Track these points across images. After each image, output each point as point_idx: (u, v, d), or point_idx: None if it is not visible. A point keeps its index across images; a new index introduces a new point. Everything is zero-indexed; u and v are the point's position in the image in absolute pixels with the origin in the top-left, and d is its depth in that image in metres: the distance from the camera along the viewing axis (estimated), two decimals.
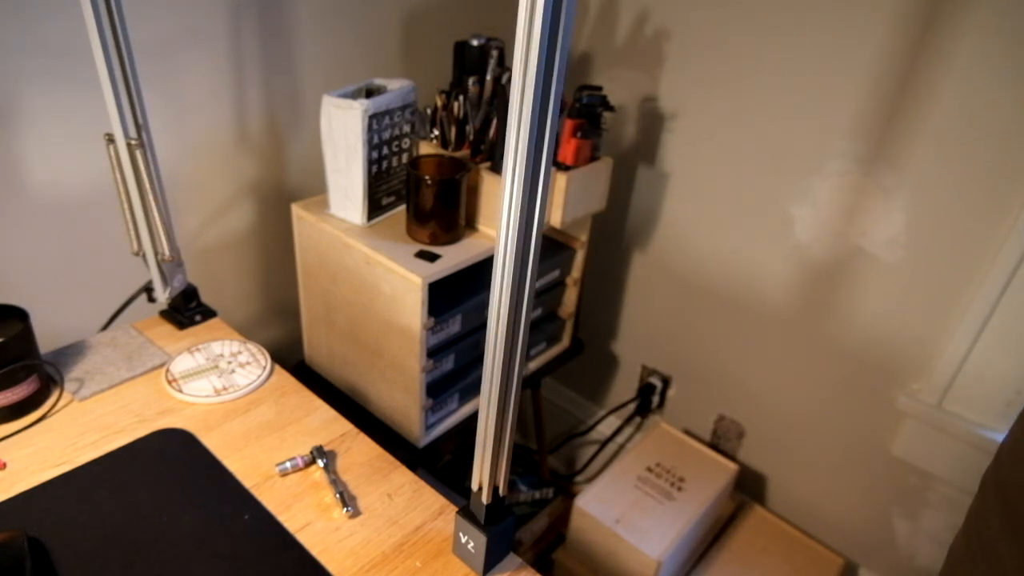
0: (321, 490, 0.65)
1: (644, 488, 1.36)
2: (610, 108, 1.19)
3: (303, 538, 0.60)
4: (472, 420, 1.20)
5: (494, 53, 1.10)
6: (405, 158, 1.09)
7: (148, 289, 0.86)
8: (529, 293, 0.43)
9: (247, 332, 1.28)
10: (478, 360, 1.18)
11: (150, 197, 0.77)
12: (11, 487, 0.62)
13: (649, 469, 1.41)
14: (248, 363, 0.81)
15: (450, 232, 1.05)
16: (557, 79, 0.36)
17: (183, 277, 0.86)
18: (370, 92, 1.02)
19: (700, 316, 1.46)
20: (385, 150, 1.04)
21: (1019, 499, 0.50)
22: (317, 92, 1.17)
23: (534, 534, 1.49)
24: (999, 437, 1.10)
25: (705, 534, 1.40)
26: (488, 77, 1.11)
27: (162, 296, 0.84)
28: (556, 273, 1.29)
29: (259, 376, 0.78)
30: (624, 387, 1.69)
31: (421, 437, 1.11)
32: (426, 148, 1.16)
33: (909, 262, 1.14)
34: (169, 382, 0.76)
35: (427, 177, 1.00)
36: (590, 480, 1.71)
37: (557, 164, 1.13)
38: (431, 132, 1.16)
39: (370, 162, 1.02)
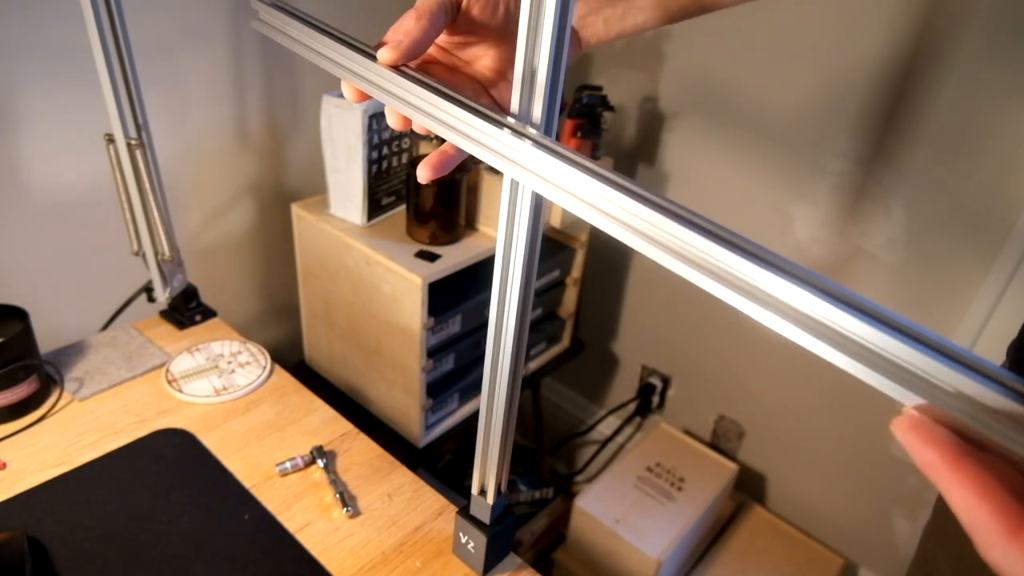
0: (321, 490, 0.65)
1: (644, 488, 1.36)
2: (610, 108, 1.19)
3: (303, 538, 0.60)
4: (472, 420, 1.20)
5: None
6: (405, 158, 1.09)
7: (148, 289, 0.86)
8: (529, 293, 0.43)
9: (247, 332, 1.27)
10: (478, 360, 1.18)
11: (150, 197, 0.77)
12: (11, 487, 0.62)
13: (649, 469, 1.41)
14: (248, 363, 0.81)
15: (450, 232, 1.05)
16: (558, 79, 0.36)
17: (183, 277, 0.86)
18: None
19: (700, 316, 1.46)
20: (385, 150, 1.04)
21: None
22: (317, 92, 1.17)
23: (534, 534, 1.49)
24: None
25: (705, 534, 1.40)
26: None
27: (162, 296, 0.84)
28: (556, 273, 1.29)
29: (259, 376, 0.78)
30: (624, 387, 1.69)
31: (421, 437, 1.11)
32: (426, 148, 1.16)
33: (909, 262, 1.14)
34: (169, 382, 0.76)
35: None
36: (590, 480, 1.71)
37: None
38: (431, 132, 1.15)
39: (370, 162, 1.02)
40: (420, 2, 0.39)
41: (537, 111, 0.37)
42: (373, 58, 0.40)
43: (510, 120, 0.36)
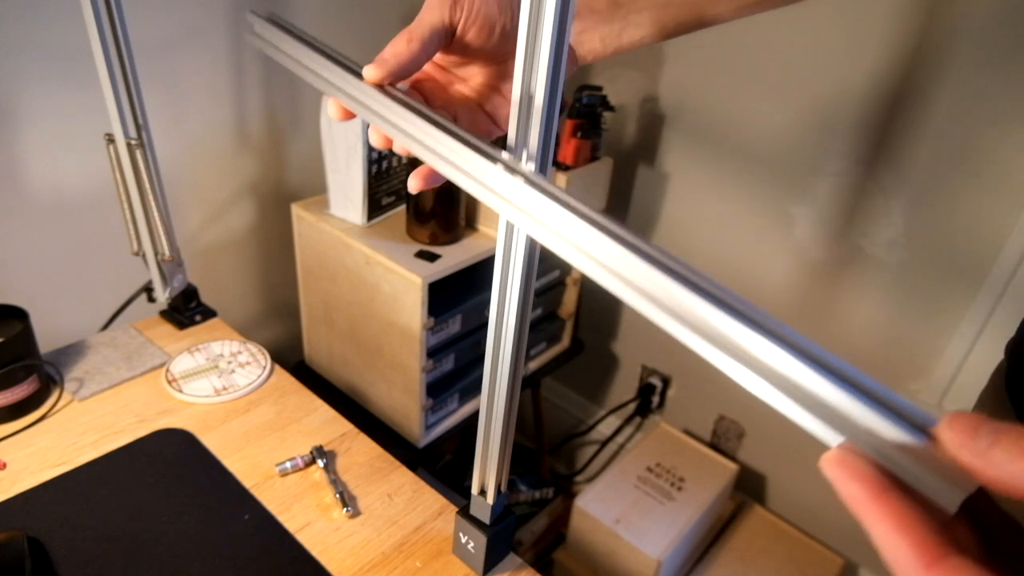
0: (321, 490, 0.65)
1: (644, 488, 1.36)
2: (610, 108, 1.19)
3: (303, 538, 0.60)
4: (472, 420, 1.20)
5: None
6: (405, 158, 1.09)
7: (148, 289, 0.86)
8: (529, 293, 0.43)
9: (247, 332, 1.28)
10: (478, 360, 1.18)
11: (150, 197, 0.77)
12: (11, 487, 0.62)
13: (649, 469, 1.41)
14: (248, 363, 0.81)
15: (450, 232, 1.05)
16: (558, 79, 0.36)
17: (183, 277, 0.86)
18: None
19: None
20: (385, 150, 1.04)
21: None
22: (317, 92, 1.17)
23: (534, 534, 1.49)
24: None
25: (705, 534, 1.40)
26: None
27: (162, 296, 0.84)
28: (556, 273, 1.29)
29: (259, 376, 0.78)
30: (624, 387, 1.69)
31: (421, 437, 1.11)
32: None
33: (909, 262, 1.14)
34: (169, 382, 0.76)
35: None
36: (590, 480, 1.71)
37: (557, 164, 1.13)
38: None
39: (370, 162, 1.02)
40: (414, 25, 0.39)
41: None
42: (360, 76, 0.39)
43: (504, 156, 0.35)
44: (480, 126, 0.45)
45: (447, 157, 0.36)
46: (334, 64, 0.40)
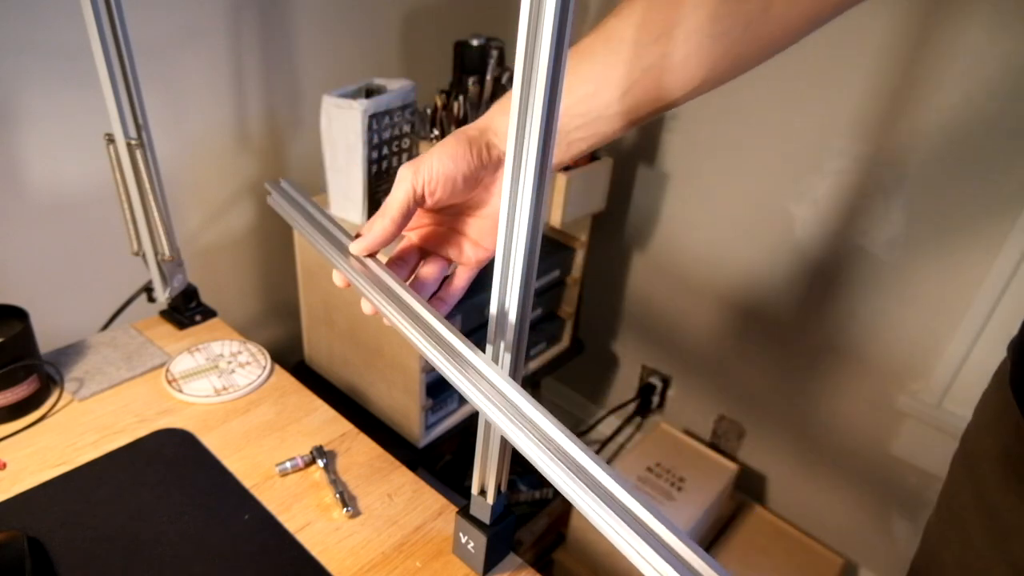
0: (321, 490, 0.65)
1: (644, 488, 1.36)
2: None
3: (303, 538, 0.60)
4: (472, 420, 1.20)
5: (494, 53, 1.10)
6: (405, 158, 1.09)
7: (148, 289, 0.86)
8: (529, 293, 0.43)
9: (247, 332, 1.27)
10: None
11: (150, 197, 0.77)
12: (11, 487, 0.62)
13: (649, 469, 1.41)
14: (248, 363, 0.81)
15: None
16: (558, 79, 0.36)
17: (183, 277, 0.86)
18: (370, 92, 1.02)
19: (700, 316, 1.45)
20: (385, 150, 1.04)
21: (982, 470, 0.54)
22: (317, 92, 1.17)
23: (534, 534, 1.49)
24: None
25: (705, 534, 1.40)
26: (488, 77, 1.11)
27: (162, 296, 0.84)
28: (556, 273, 1.29)
29: (259, 376, 0.78)
30: (624, 387, 1.69)
31: (421, 437, 1.11)
32: (426, 148, 1.16)
33: (909, 262, 1.14)
34: (169, 382, 0.76)
35: None
36: None
37: None
38: (431, 132, 1.16)
39: (370, 162, 1.02)
40: (388, 202, 0.45)
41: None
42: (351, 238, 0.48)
43: (476, 362, 0.42)
44: (465, 251, 0.50)
45: (420, 341, 0.43)
46: (329, 243, 0.49)
